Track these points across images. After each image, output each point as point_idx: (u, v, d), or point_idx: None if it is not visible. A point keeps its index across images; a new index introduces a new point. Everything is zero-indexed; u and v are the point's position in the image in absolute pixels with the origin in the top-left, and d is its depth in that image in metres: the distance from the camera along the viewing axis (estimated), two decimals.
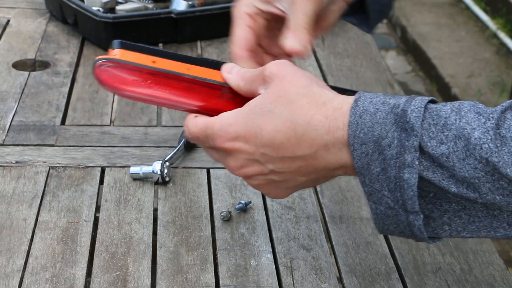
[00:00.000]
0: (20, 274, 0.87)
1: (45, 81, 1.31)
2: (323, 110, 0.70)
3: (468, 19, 4.23)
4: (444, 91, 3.58)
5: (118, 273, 0.89)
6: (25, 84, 1.29)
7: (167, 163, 1.06)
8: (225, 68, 0.79)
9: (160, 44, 1.46)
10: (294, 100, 0.71)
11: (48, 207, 0.99)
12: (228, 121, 0.73)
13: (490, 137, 0.64)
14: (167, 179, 1.06)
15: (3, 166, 1.07)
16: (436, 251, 0.96)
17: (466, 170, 0.65)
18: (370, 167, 0.68)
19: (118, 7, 1.47)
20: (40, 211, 0.98)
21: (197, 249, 0.94)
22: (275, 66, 0.74)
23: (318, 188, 1.07)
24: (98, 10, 1.44)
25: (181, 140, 1.12)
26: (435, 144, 0.65)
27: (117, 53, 0.77)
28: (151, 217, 0.99)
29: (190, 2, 1.49)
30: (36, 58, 1.39)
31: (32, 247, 0.92)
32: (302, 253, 0.94)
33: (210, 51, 1.46)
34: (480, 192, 0.65)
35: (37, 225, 0.96)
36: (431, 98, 0.69)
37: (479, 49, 3.87)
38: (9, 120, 1.18)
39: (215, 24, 1.49)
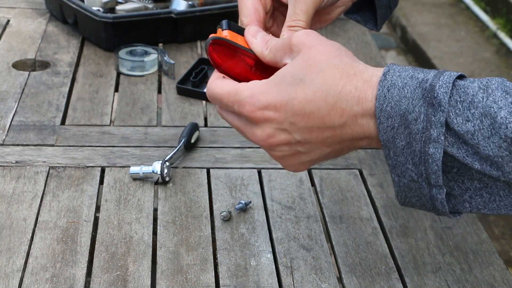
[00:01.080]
0: (20, 274, 0.87)
1: (45, 81, 1.31)
2: (354, 81, 0.70)
3: (468, 19, 4.23)
4: None
5: (118, 273, 0.89)
6: (25, 84, 1.29)
7: (167, 163, 1.06)
8: (250, 30, 0.78)
9: (160, 44, 1.46)
10: (325, 70, 0.70)
11: (48, 207, 0.99)
12: (261, 89, 0.72)
13: None
14: (167, 179, 1.06)
15: (3, 166, 1.07)
16: (436, 251, 0.96)
17: (491, 148, 0.65)
18: (396, 141, 0.68)
19: (118, 7, 1.47)
20: (40, 211, 0.98)
21: (197, 249, 0.94)
22: (303, 35, 0.73)
23: (318, 188, 1.07)
24: (98, 10, 1.44)
25: (181, 140, 1.12)
26: (461, 121, 0.65)
27: (227, 34, 0.78)
28: (151, 217, 0.99)
29: (190, 2, 1.49)
30: (36, 58, 1.39)
31: (32, 247, 0.92)
32: (302, 253, 0.94)
33: None
34: (504, 171, 0.65)
35: (37, 225, 0.96)
36: (459, 73, 0.68)
37: (479, 49, 3.87)
38: (9, 120, 1.18)
39: (215, 24, 1.49)
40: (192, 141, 1.14)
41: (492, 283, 0.92)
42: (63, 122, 1.19)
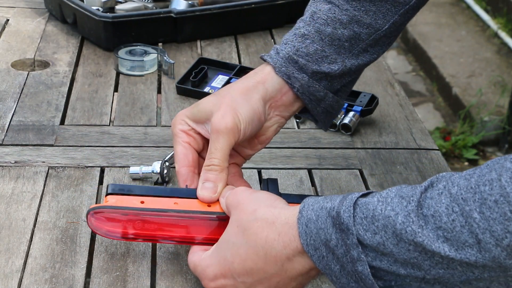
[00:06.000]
0: (19, 274, 0.87)
1: (44, 81, 1.31)
2: (273, 228, 0.76)
3: (469, 19, 4.23)
4: (444, 91, 3.57)
5: (118, 273, 0.88)
6: (24, 84, 1.29)
7: (167, 163, 1.06)
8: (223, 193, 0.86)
9: (160, 44, 1.46)
10: (248, 228, 0.78)
11: (47, 207, 0.99)
12: (205, 263, 0.81)
13: (411, 219, 0.68)
14: (166, 179, 1.05)
15: (2, 166, 1.06)
16: None
17: (403, 252, 0.69)
18: (331, 267, 0.73)
19: (118, 7, 1.47)
20: (40, 211, 0.98)
21: None
22: (230, 197, 0.82)
23: (319, 188, 1.06)
24: (98, 9, 1.44)
25: None
26: (370, 235, 0.70)
27: (109, 199, 0.85)
28: None
29: (190, 2, 1.49)
30: (35, 58, 1.38)
31: (31, 247, 0.91)
32: None
33: (209, 50, 1.45)
34: (424, 269, 0.69)
35: (36, 225, 0.95)
36: (363, 192, 0.73)
37: (480, 48, 3.87)
38: (8, 120, 1.18)
39: (215, 24, 1.49)
40: None
41: None
42: (62, 122, 1.19)
